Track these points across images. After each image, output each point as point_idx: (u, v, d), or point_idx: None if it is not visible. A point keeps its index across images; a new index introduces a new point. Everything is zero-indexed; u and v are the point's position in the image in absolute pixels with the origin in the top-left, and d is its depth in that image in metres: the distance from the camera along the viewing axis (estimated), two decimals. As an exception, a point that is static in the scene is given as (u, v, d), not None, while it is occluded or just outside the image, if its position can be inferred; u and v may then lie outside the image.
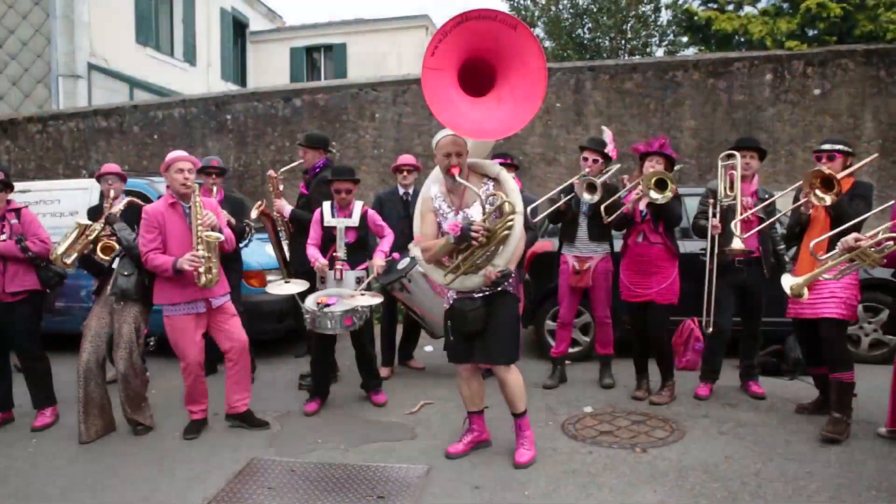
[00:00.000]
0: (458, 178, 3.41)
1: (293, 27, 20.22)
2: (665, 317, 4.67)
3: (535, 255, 5.73)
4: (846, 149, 4.07)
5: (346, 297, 4.45)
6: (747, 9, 10.24)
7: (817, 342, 4.10)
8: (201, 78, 16.40)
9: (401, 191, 5.59)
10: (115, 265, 4.29)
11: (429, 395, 4.86)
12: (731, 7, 10.24)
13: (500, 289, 3.52)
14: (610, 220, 4.68)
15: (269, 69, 18.88)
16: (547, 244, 5.92)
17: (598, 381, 5.13)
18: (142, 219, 4.10)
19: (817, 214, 4.02)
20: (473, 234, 3.30)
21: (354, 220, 4.80)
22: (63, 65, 12.51)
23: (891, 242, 2.73)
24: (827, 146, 4.10)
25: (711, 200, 4.62)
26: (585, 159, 4.95)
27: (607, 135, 5.15)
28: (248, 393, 4.40)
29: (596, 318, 5.16)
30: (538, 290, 5.92)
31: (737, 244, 4.30)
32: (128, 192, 4.91)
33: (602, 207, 4.70)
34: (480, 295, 3.53)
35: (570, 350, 5.67)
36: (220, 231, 4.14)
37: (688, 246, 5.50)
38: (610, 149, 5.00)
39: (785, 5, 9.52)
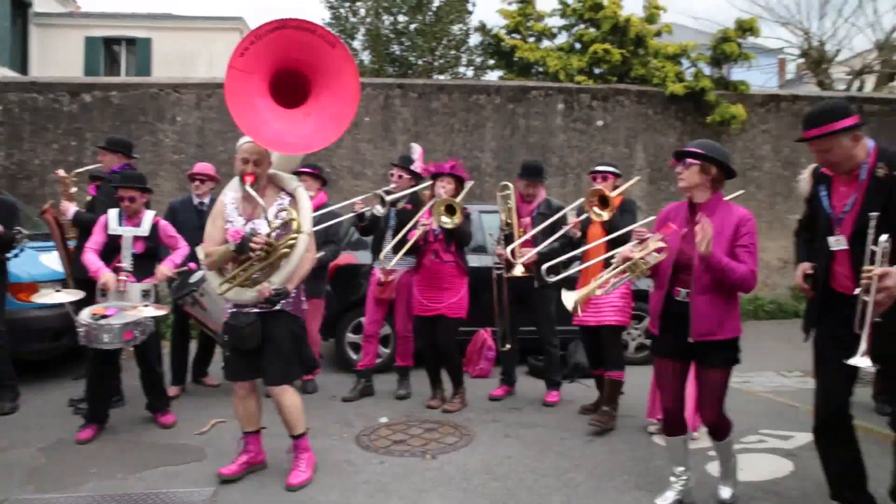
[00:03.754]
0: (248, 188, 3.33)
1: (89, 14, 18.43)
2: (455, 329, 4.91)
3: (337, 268, 5.77)
4: (616, 171, 4.74)
5: (127, 309, 4.13)
6: (546, 42, 11.17)
7: (599, 347, 4.63)
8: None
9: (195, 200, 5.33)
10: None
11: (222, 413, 4.64)
12: (532, 39, 11.10)
13: (277, 308, 3.43)
14: (393, 243, 4.88)
15: (59, 58, 16.96)
16: (349, 257, 5.98)
17: (395, 392, 5.25)
18: None
19: (594, 230, 4.52)
20: (252, 246, 3.24)
21: (144, 230, 4.50)
22: None
23: (655, 253, 3.17)
24: (601, 168, 4.74)
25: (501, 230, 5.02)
26: (392, 174, 5.16)
27: (416, 151, 5.32)
28: None
29: (397, 331, 5.29)
30: (339, 303, 5.95)
31: (517, 271, 4.70)
32: None
33: (393, 241, 4.90)
34: (256, 311, 3.44)
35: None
36: None
37: (484, 260, 5.87)
38: (418, 165, 5.19)
39: (577, 45, 10.53)
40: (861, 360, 2.54)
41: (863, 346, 2.54)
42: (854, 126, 2.77)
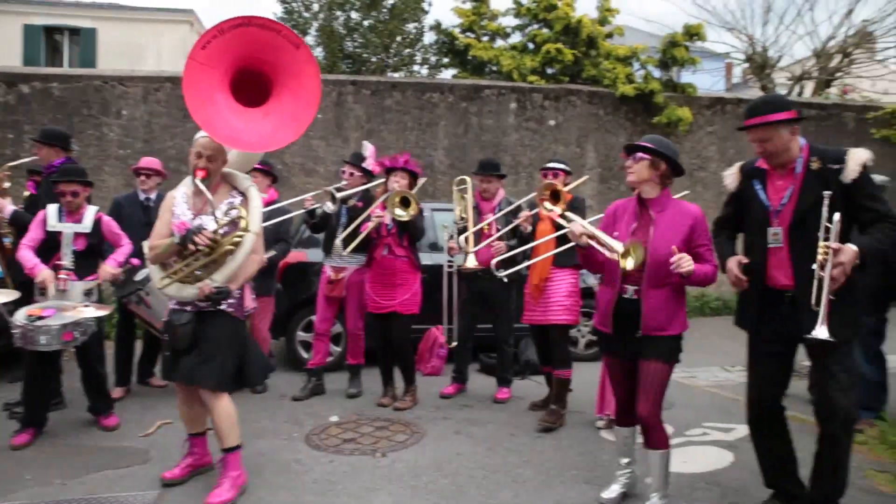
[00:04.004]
0: (197, 181, 3.27)
1: (29, 0, 17.63)
2: (408, 326, 4.91)
3: (288, 266, 5.70)
4: (566, 168, 4.79)
5: (67, 309, 4.00)
6: (500, 42, 11.26)
7: (548, 344, 4.68)
8: None
9: (141, 196, 5.19)
10: None
11: (168, 414, 4.53)
12: (486, 38, 11.18)
13: (219, 307, 3.33)
14: (345, 234, 4.85)
15: (-5, 46, 16.25)
16: (300, 255, 5.92)
17: (346, 390, 5.22)
18: None
19: (543, 227, 4.58)
20: (196, 240, 3.15)
21: (86, 226, 4.37)
22: None
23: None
24: (551, 165, 4.78)
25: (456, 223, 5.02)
26: (343, 172, 5.12)
27: (368, 150, 5.30)
28: None
29: (347, 329, 5.26)
30: (290, 301, 5.89)
31: (470, 262, 4.70)
32: None
33: (345, 232, 4.86)
34: (193, 309, 3.32)
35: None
36: None
37: (436, 258, 5.89)
38: (370, 163, 5.16)
39: (530, 45, 10.65)
40: (821, 332, 2.61)
41: (821, 318, 2.61)
42: (793, 120, 2.88)
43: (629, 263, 2.95)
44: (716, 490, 3.53)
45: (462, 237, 4.81)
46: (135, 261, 4.69)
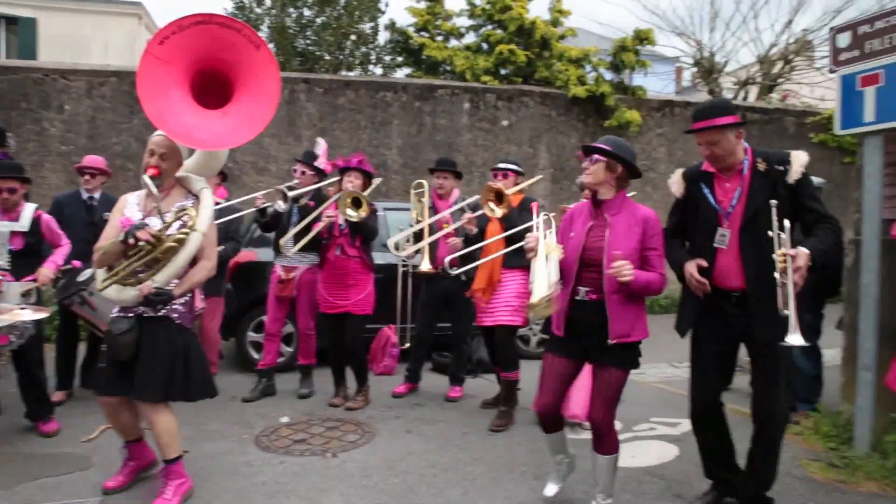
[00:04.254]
0: (146, 178, 3.18)
1: (-38, -11, 16.87)
2: (361, 327, 4.88)
3: (238, 265, 5.62)
4: (517, 168, 4.78)
5: (3, 311, 3.84)
6: (454, 42, 11.31)
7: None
8: None
9: (84, 195, 5.04)
10: None
11: (112, 418, 4.41)
12: (440, 38, 11.22)
13: (162, 313, 3.19)
14: (295, 231, 4.81)
15: (-74, 36, 15.50)
16: (250, 254, 5.84)
17: (298, 391, 5.17)
18: None
19: (493, 227, 4.57)
20: (138, 235, 3.03)
21: (23, 225, 4.21)
22: None
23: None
24: (502, 165, 4.76)
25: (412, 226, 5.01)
26: (295, 170, 5.07)
27: (320, 146, 5.25)
28: None
29: (299, 329, 5.21)
30: (240, 301, 5.80)
31: (424, 266, 4.70)
32: None
33: (295, 230, 4.82)
34: (134, 315, 3.19)
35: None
36: None
37: (389, 257, 5.88)
38: (322, 161, 5.12)
39: (484, 45, 10.73)
40: (795, 339, 2.62)
41: (793, 325, 2.62)
42: (738, 124, 2.98)
43: (533, 310, 2.99)
44: (661, 483, 3.63)
45: (406, 236, 4.80)
46: (76, 263, 4.55)
